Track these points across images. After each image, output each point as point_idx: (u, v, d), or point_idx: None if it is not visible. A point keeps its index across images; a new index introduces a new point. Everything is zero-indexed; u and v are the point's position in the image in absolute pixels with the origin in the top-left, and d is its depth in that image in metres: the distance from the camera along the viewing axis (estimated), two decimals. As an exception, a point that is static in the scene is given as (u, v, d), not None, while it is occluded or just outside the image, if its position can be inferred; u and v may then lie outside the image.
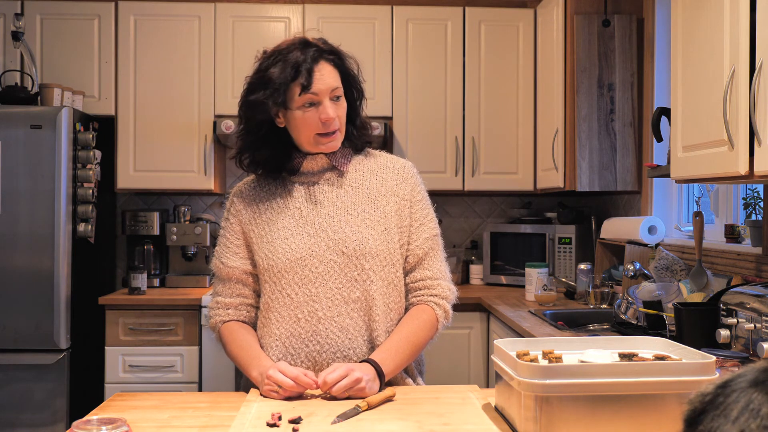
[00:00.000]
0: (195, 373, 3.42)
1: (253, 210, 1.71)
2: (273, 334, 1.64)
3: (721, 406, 0.65)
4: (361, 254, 1.62)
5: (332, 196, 1.68)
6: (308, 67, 1.59)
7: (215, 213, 4.08)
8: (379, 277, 1.63)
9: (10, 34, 3.46)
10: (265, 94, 1.60)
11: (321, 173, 1.70)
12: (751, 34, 1.79)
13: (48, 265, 3.22)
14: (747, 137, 1.79)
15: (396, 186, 1.71)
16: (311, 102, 1.61)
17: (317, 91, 1.60)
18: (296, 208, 1.67)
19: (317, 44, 1.64)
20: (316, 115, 1.62)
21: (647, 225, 3.01)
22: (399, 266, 1.67)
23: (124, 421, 1.13)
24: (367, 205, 1.67)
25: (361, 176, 1.72)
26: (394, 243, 1.66)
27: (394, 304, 1.67)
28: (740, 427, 0.62)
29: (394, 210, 1.68)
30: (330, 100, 1.62)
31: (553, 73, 3.49)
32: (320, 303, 1.61)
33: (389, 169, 1.73)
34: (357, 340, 1.62)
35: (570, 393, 1.20)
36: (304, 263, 1.62)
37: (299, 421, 1.32)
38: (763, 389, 0.64)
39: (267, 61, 1.63)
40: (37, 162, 3.22)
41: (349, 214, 1.66)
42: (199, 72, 3.73)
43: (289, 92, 1.60)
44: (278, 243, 1.64)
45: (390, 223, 1.67)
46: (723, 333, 1.99)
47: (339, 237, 1.63)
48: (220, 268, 1.72)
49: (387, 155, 1.79)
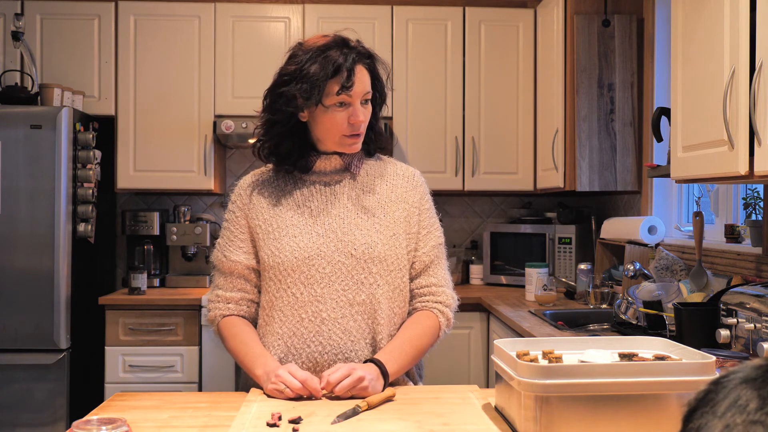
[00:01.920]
0: (195, 373, 3.42)
1: (260, 204, 1.68)
2: (275, 332, 1.63)
3: (711, 403, 0.65)
4: (369, 258, 1.62)
5: (343, 197, 1.67)
6: (349, 67, 1.58)
7: (215, 213, 4.08)
8: (386, 281, 1.63)
9: (10, 34, 3.46)
10: (301, 88, 1.58)
11: (333, 174, 1.70)
12: (751, 34, 1.79)
13: (48, 265, 3.22)
14: (747, 137, 1.79)
15: (406, 193, 1.72)
16: (343, 102, 1.61)
17: (352, 93, 1.60)
18: (306, 207, 1.66)
19: (356, 47, 1.64)
20: (346, 116, 1.61)
21: (647, 225, 3.01)
22: (405, 272, 1.67)
23: (124, 421, 1.13)
24: (377, 209, 1.67)
25: (372, 180, 1.71)
26: (401, 248, 1.66)
27: (399, 309, 1.67)
28: (726, 422, 0.62)
29: (402, 216, 1.69)
30: (360, 103, 1.63)
31: (553, 73, 3.49)
32: (325, 304, 1.61)
33: (399, 176, 1.74)
34: (359, 343, 1.61)
35: (570, 393, 1.20)
36: (311, 263, 1.61)
37: (299, 421, 1.32)
38: (753, 386, 0.63)
39: (305, 55, 1.60)
40: (37, 162, 3.22)
41: (359, 217, 1.65)
42: (199, 72, 3.73)
43: (326, 89, 1.58)
44: (286, 240, 1.63)
45: (398, 229, 1.67)
46: (723, 333, 1.99)
47: (348, 239, 1.62)
48: (222, 262, 1.70)
49: (396, 162, 1.79)
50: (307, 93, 1.57)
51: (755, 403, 0.61)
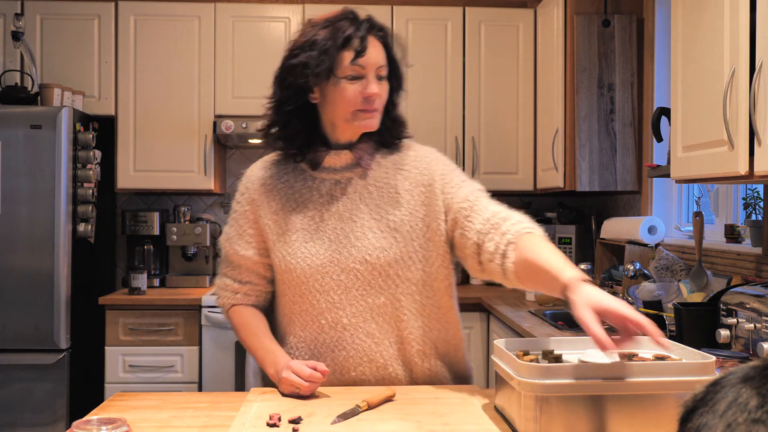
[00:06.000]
0: (195, 373, 3.42)
1: (269, 202, 1.61)
2: (298, 335, 1.61)
3: (710, 402, 0.64)
4: (385, 261, 1.54)
5: (355, 197, 1.58)
6: (361, 36, 1.50)
7: (215, 213, 4.08)
8: (406, 278, 1.56)
9: (10, 34, 3.47)
10: (310, 56, 1.49)
11: (343, 170, 1.59)
12: (751, 34, 1.79)
13: (48, 265, 3.22)
14: (747, 137, 1.79)
15: (420, 175, 1.59)
16: (356, 75, 1.51)
17: (365, 63, 1.50)
18: (316, 210, 1.58)
19: (368, 18, 1.57)
20: (359, 89, 1.51)
21: (647, 225, 3.01)
22: (427, 259, 1.57)
23: (124, 421, 1.12)
24: (389, 205, 1.57)
25: (385, 173, 1.60)
26: (419, 239, 1.56)
27: (426, 300, 1.59)
28: (727, 421, 0.61)
29: (419, 201, 1.57)
30: (375, 78, 1.53)
31: (553, 73, 3.49)
32: (344, 310, 1.56)
33: (411, 163, 1.61)
34: (383, 344, 1.57)
35: (570, 393, 1.20)
36: (325, 270, 1.55)
37: (299, 421, 1.32)
38: (752, 384, 0.63)
39: (314, 27, 1.54)
40: (37, 162, 3.23)
41: (372, 219, 1.56)
42: (199, 72, 3.73)
43: (338, 59, 1.50)
44: (297, 246, 1.56)
45: (416, 219, 1.56)
46: (723, 333, 1.99)
47: (361, 243, 1.55)
48: (231, 254, 1.65)
49: (414, 146, 1.67)
50: (317, 60, 1.48)
51: (756, 401, 0.61)
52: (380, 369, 1.58)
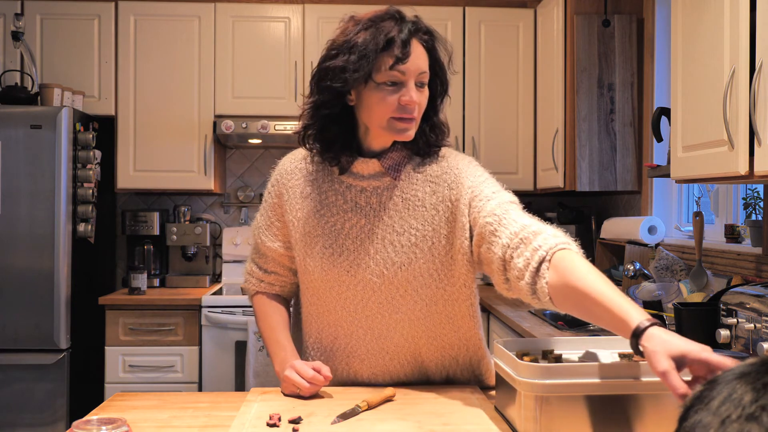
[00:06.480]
0: (195, 373, 3.42)
1: (295, 200, 1.58)
2: (314, 337, 1.61)
3: (706, 400, 0.65)
4: (403, 278, 1.51)
5: (378, 208, 1.52)
6: (404, 39, 1.43)
7: (215, 213, 4.08)
8: (426, 295, 1.53)
9: (10, 34, 3.47)
10: (349, 60, 1.42)
11: (371, 178, 1.53)
12: (751, 34, 1.79)
13: (48, 265, 3.22)
14: (747, 137, 1.79)
15: (448, 189, 1.51)
16: (395, 81, 1.44)
17: (405, 69, 1.43)
18: (339, 216, 1.54)
19: (414, 20, 1.50)
20: (396, 96, 1.44)
21: (647, 225, 3.01)
22: (448, 278, 1.53)
23: (124, 421, 1.12)
24: (414, 218, 1.51)
25: (413, 185, 1.53)
26: (441, 256, 1.51)
27: (447, 321, 1.56)
28: (721, 417, 0.61)
29: (444, 218, 1.51)
30: (415, 85, 1.46)
31: (553, 73, 3.49)
32: (359, 323, 1.55)
33: (442, 171, 1.54)
34: (399, 357, 1.57)
35: (570, 393, 1.20)
36: (341, 280, 1.53)
37: (299, 421, 1.32)
38: (747, 380, 0.63)
39: (356, 27, 1.46)
40: (37, 162, 3.23)
41: (394, 232, 1.51)
42: (199, 72, 3.73)
43: (377, 63, 1.43)
44: (317, 250, 1.54)
45: (439, 236, 1.50)
46: (723, 333, 1.99)
47: (381, 257, 1.51)
48: (259, 243, 1.66)
49: (453, 154, 1.58)
50: (356, 65, 1.41)
51: (750, 396, 0.61)
52: (397, 381, 1.59)
